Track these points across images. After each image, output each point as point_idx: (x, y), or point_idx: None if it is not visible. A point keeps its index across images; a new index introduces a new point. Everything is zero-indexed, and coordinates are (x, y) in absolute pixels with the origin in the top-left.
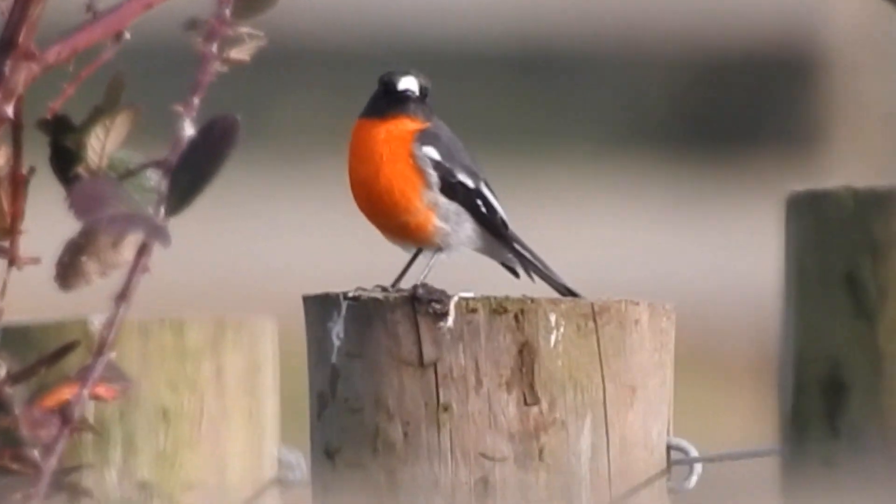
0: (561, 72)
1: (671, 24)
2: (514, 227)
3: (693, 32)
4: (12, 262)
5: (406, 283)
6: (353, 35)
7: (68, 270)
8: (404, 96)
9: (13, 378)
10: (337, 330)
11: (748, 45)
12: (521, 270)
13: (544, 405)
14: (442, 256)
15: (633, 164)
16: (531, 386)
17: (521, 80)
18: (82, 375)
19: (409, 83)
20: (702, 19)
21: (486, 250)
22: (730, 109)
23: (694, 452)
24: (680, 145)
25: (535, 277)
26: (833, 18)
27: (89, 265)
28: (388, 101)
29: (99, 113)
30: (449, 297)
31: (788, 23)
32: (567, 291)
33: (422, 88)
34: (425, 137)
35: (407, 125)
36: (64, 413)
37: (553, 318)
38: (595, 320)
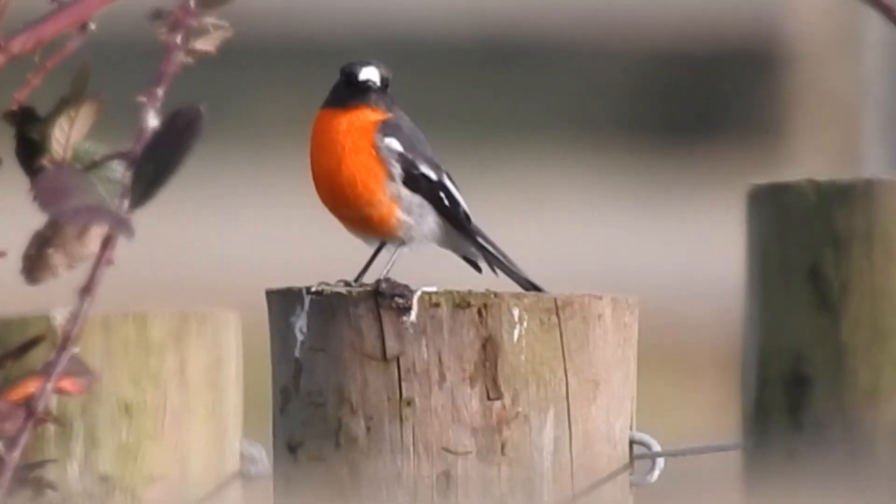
0: (523, 63)
1: (634, 14)
2: (477, 220)
3: (656, 24)
4: None
5: (369, 278)
6: (316, 25)
7: (35, 263)
8: (365, 86)
9: None
10: (300, 324)
11: (711, 37)
12: (483, 264)
13: (507, 399)
14: (405, 250)
15: (595, 157)
16: (494, 380)
17: (484, 71)
18: (47, 369)
19: (370, 73)
20: (665, 10)
21: (449, 244)
22: (693, 101)
23: (656, 447)
24: (642, 137)
25: (498, 271)
26: (796, 11)
27: (56, 258)
28: (349, 92)
29: (65, 104)
30: (412, 292)
31: (751, 14)
32: (530, 286)
33: (383, 79)
34: (387, 128)
35: (368, 116)
36: (29, 406)
37: (516, 312)
38: (558, 315)
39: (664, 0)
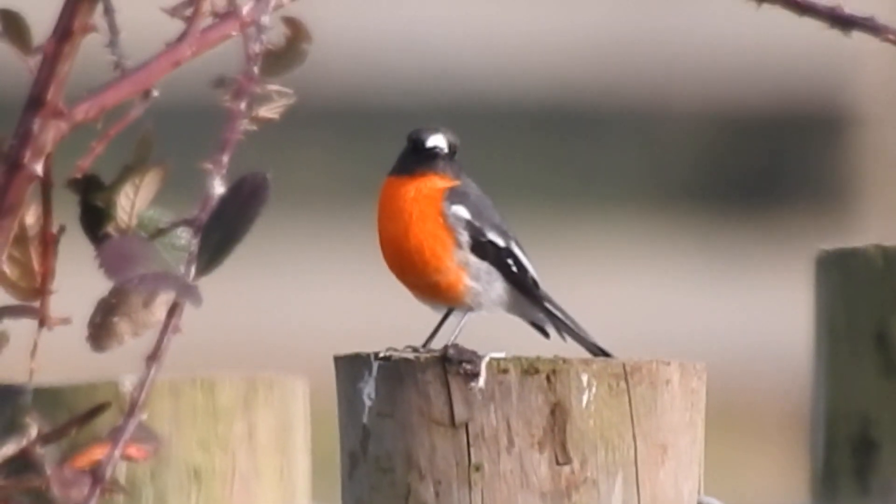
0: (590, 130)
1: (699, 82)
2: (545, 286)
3: (723, 90)
4: (43, 322)
5: (437, 343)
6: (383, 92)
7: (101, 331)
8: (433, 153)
9: (44, 438)
10: (368, 390)
11: (777, 103)
12: (551, 330)
13: (576, 464)
14: (473, 316)
15: (662, 222)
16: (563, 446)
17: (551, 139)
18: (113, 436)
19: (437, 140)
20: (729, 77)
21: (517, 310)
22: (759, 167)
23: None
24: (709, 203)
25: (567, 337)
26: (861, 76)
27: (121, 325)
28: (416, 159)
29: (128, 171)
30: (480, 358)
31: (817, 80)
32: (598, 351)
33: (450, 145)
34: (455, 196)
35: (436, 183)
36: (95, 473)
37: (585, 378)
38: (627, 380)
39: (730, 66)
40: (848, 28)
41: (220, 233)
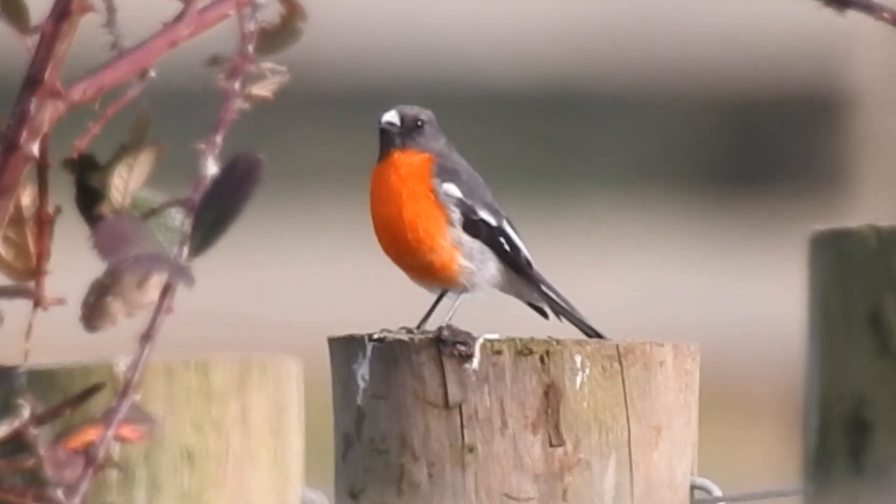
0: (586, 112)
1: (696, 64)
2: (540, 268)
3: (718, 72)
4: (38, 302)
5: (431, 325)
6: (378, 73)
7: (94, 311)
8: (389, 131)
9: (38, 419)
10: (362, 371)
11: (773, 86)
12: (548, 311)
13: (569, 446)
14: (467, 297)
15: (657, 204)
16: (556, 427)
17: (546, 120)
18: (107, 416)
19: (389, 117)
20: (726, 60)
21: (512, 290)
22: (755, 149)
23: (718, 492)
24: (703, 185)
25: (561, 318)
26: (858, 59)
27: (115, 306)
28: (384, 140)
29: (124, 151)
30: (474, 339)
31: (814, 63)
32: (592, 332)
33: (411, 119)
34: (445, 173)
35: (413, 158)
36: (88, 454)
37: (578, 359)
38: (620, 362)
39: (726, 49)
40: (843, 7)
41: (214, 213)
